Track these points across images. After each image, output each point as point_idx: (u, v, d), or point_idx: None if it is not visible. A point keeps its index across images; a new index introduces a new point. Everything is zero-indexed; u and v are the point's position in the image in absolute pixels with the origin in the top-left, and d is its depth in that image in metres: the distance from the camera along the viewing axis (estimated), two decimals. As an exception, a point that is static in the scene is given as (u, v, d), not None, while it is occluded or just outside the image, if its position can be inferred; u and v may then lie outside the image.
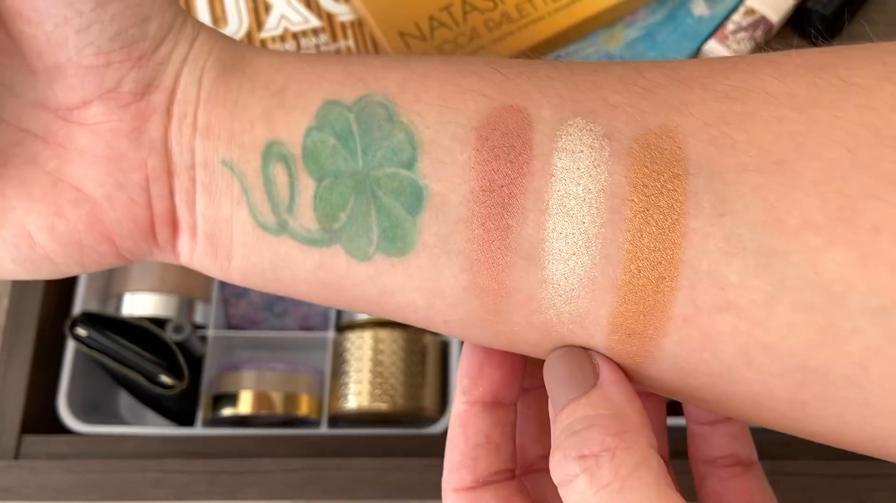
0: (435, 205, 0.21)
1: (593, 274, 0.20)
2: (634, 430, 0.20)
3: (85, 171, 0.23)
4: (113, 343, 0.52)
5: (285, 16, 0.45)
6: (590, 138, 0.20)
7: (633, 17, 0.44)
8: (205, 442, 0.51)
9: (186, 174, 0.23)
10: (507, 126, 0.21)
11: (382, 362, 0.55)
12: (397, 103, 0.22)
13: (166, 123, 0.23)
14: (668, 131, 0.20)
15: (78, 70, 0.22)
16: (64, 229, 0.23)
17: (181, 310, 0.58)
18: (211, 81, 0.23)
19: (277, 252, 0.23)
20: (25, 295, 0.54)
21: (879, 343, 0.18)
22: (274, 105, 0.22)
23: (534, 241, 0.20)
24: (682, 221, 0.19)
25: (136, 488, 0.48)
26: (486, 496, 0.23)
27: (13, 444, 0.50)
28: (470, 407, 0.24)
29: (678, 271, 0.19)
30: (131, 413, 0.61)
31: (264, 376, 0.55)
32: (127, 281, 0.58)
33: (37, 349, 0.53)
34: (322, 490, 0.48)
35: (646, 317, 0.20)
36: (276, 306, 0.62)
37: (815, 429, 0.21)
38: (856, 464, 0.47)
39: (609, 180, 0.20)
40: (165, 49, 0.23)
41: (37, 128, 0.23)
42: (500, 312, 0.22)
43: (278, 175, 0.22)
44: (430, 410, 0.55)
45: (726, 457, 0.27)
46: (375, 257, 0.22)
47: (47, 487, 0.48)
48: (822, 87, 0.19)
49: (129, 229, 0.23)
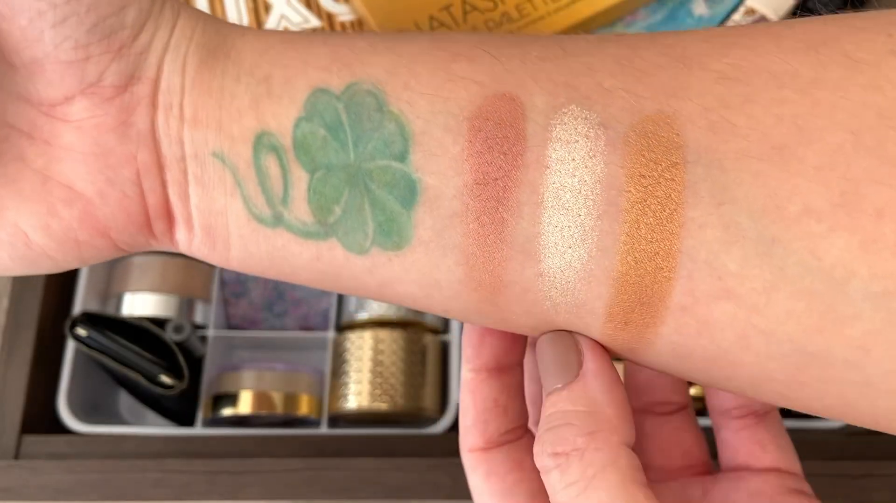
0: (429, 198, 0.21)
1: (590, 266, 0.20)
2: (607, 429, 0.21)
3: (74, 168, 0.22)
4: (113, 343, 0.52)
5: (285, 15, 0.45)
6: (585, 127, 0.20)
7: (633, 17, 0.44)
8: (205, 442, 0.51)
9: (177, 166, 0.22)
10: (500, 116, 0.20)
11: (382, 362, 0.55)
12: (386, 91, 0.21)
13: (152, 115, 0.22)
14: (665, 117, 0.19)
15: (57, 65, 0.21)
16: (58, 227, 0.22)
17: (181, 310, 0.58)
18: (194, 69, 0.22)
19: (275, 244, 0.23)
20: (25, 295, 0.54)
21: (881, 327, 0.18)
22: (261, 93, 0.22)
23: (529, 234, 0.20)
24: (679, 211, 0.19)
25: (136, 488, 0.48)
26: (498, 457, 0.24)
27: (13, 444, 0.50)
28: (476, 374, 0.25)
29: (676, 261, 0.19)
30: (131, 413, 0.61)
31: (264, 376, 0.55)
32: (127, 281, 0.58)
33: (37, 349, 0.53)
34: (322, 490, 0.48)
35: (643, 307, 0.20)
36: (276, 306, 0.62)
37: (816, 407, 0.21)
38: (855, 465, 0.47)
39: (605, 171, 0.20)
40: (145, 37, 0.22)
41: (22, 123, 0.22)
42: (498, 304, 0.22)
43: (270, 167, 0.22)
44: (430, 410, 0.55)
45: (738, 407, 0.27)
46: (372, 251, 0.22)
47: (47, 487, 0.48)
48: (825, 65, 0.19)
49: (124, 223, 0.23)
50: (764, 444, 0.26)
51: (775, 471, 0.26)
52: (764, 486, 0.26)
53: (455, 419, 0.55)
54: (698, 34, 0.21)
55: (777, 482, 0.26)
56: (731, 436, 0.27)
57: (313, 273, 0.23)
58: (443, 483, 0.49)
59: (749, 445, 0.26)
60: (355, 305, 0.58)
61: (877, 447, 0.50)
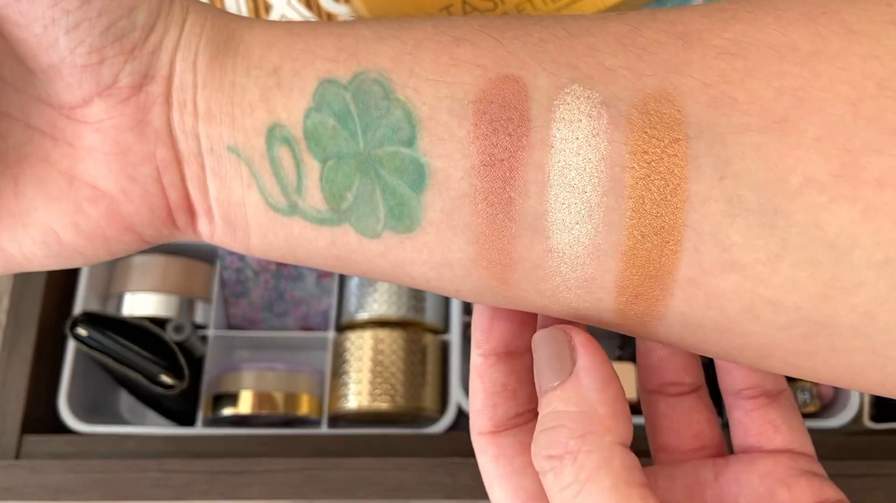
0: (438, 181, 0.21)
1: (597, 241, 0.20)
2: (599, 430, 0.21)
3: (97, 168, 0.23)
4: (113, 343, 0.52)
5: (285, 16, 0.45)
6: (587, 106, 0.20)
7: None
8: (205, 441, 0.51)
9: (195, 161, 0.23)
10: (504, 98, 0.21)
11: (382, 362, 0.55)
12: (392, 79, 0.22)
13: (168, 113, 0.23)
14: (666, 94, 0.20)
15: (73, 69, 0.22)
16: (87, 225, 0.23)
17: (181, 310, 0.58)
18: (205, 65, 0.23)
19: (291, 231, 0.23)
20: (26, 294, 0.54)
21: (886, 294, 0.19)
22: (271, 86, 0.22)
23: (537, 212, 0.21)
24: (683, 186, 0.20)
25: (136, 488, 0.48)
26: (507, 440, 0.25)
27: (14, 444, 0.50)
28: (485, 359, 0.25)
29: (682, 235, 0.20)
30: (132, 413, 0.61)
31: (264, 376, 0.55)
32: (127, 281, 0.58)
33: (37, 349, 0.53)
34: (322, 490, 0.49)
35: (651, 280, 0.20)
36: (276, 306, 0.62)
37: (826, 375, 0.21)
38: (855, 464, 0.47)
39: (609, 149, 0.20)
40: (156, 36, 0.23)
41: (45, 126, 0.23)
42: (508, 281, 0.22)
43: (284, 158, 0.22)
44: (430, 410, 0.55)
45: (750, 388, 0.27)
46: (384, 234, 0.22)
47: (48, 487, 0.48)
48: (825, 37, 0.19)
49: (148, 218, 0.24)
50: (776, 425, 0.26)
51: (788, 452, 0.26)
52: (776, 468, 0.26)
53: (455, 419, 0.55)
54: (698, 10, 0.21)
55: (790, 463, 0.26)
56: (743, 416, 0.27)
57: (328, 258, 0.24)
58: (443, 483, 0.49)
59: (761, 425, 0.26)
60: (355, 305, 0.58)
61: (877, 447, 0.50)
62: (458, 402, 0.55)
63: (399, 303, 0.57)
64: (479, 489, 0.49)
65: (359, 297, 0.58)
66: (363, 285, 0.58)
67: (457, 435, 0.53)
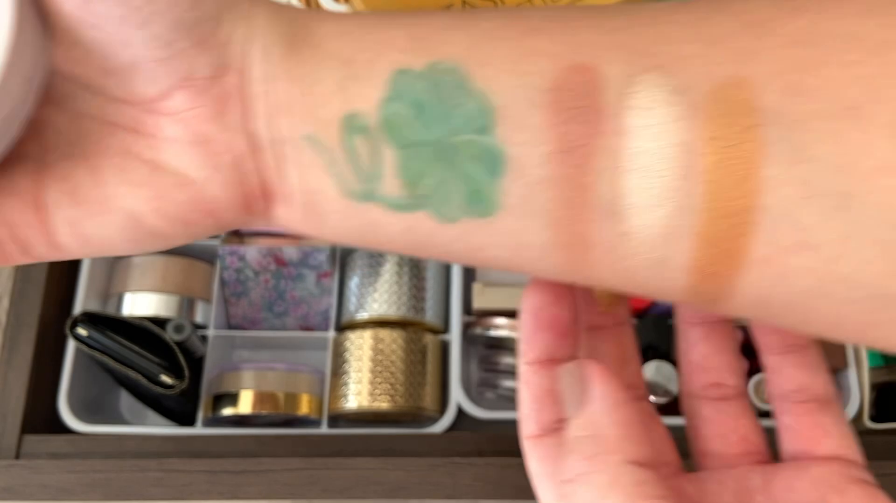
0: (514, 168, 0.22)
1: (673, 223, 0.21)
2: (608, 450, 0.22)
3: (180, 157, 0.24)
4: (113, 343, 0.52)
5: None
6: (661, 94, 0.21)
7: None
8: (205, 441, 0.51)
9: (272, 150, 0.24)
10: (578, 86, 0.21)
11: (382, 362, 0.55)
12: (467, 69, 0.22)
13: (244, 103, 0.24)
14: (739, 82, 0.21)
15: (150, 64, 0.23)
16: (171, 210, 0.24)
17: (181, 309, 0.58)
18: (279, 57, 0.24)
19: (366, 218, 0.24)
20: (26, 294, 0.54)
21: None
22: (346, 76, 0.23)
23: (612, 196, 0.21)
24: (757, 171, 0.20)
25: (136, 488, 0.48)
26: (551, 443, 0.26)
27: (14, 444, 0.50)
28: (528, 367, 0.26)
29: (756, 217, 0.21)
30: (132, 413, 0.61)
31: (264, 376, 0.55)
32: (127, 281, 0.58)
33: (38, 349, 0.53)
34: (322, 490, 0.49)
35: (725, 260, 0.21)
36: (276, 306, 0.62)
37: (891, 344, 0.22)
38: (855, 464, 0.47)
39: (683, 135, 0.21)
40: (226, 28, 0.23)
41: (125, 121, 0.24)
42: (584, 263, 0.23)
43: (359, 146, 0.23)
44: (430, 410, 0.55)
45: (799, 390, 0.27)
46: (461, 220, 0.23)
47: (48, 487, 0.48)
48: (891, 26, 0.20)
49: (228, 205, 0.24)
50: (827, 430, 0.27)
51: (838, 458, 0.26)
52: (828, 474, 0.26)
53: (455, 419, 0.55)
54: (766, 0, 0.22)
55: (841, 470, 0.26)
56: (793, 421, 0.27)
57: (403, 243, 0.24)
58: (443, 483, 0.49)
59: (811, 430, 0.27)
60: (355, 305, 0.58)
61: (877, 447, 0.50)
62: (457, 402, 0.55)
63: (399, 303, 0.57)
64: (480, 489, 0.49)
65: (359, 297, 0.58)
66: (363, 285, 0.58)
67: (457, 435, 0.53)
